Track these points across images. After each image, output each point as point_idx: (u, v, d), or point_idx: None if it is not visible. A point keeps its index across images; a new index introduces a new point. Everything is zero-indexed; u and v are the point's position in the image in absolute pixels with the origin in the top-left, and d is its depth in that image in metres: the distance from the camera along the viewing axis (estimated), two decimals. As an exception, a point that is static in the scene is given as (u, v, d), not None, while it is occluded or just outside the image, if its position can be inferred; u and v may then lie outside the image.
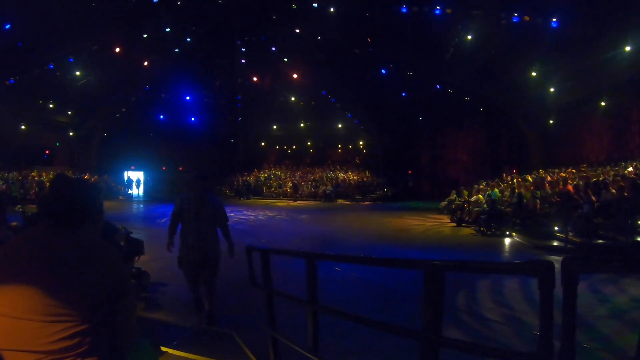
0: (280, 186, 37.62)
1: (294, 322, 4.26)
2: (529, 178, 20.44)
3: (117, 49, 29.45)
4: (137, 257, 6.88)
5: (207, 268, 5.81)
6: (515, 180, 21.47)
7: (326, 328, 3.42)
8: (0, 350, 1.71)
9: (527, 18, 22.82)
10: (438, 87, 33.29)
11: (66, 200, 1.94)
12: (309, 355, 3.32)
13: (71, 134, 37.18)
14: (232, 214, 22.52)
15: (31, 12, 23.33)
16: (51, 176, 26.72)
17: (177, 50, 33.57)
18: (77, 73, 31.02)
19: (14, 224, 4.78)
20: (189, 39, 32.87)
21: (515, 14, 22.89)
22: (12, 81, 28.48)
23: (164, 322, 6.05)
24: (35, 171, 30.78)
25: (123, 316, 1.89)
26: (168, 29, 31.18)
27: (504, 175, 25.79)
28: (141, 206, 29.21)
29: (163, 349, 4.15)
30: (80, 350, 1.75)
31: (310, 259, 3.31)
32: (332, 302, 3.47)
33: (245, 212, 23.79)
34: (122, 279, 1.91)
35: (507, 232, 14.99)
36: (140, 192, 40.56)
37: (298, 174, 41.16)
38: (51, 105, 33.83)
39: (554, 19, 21.89)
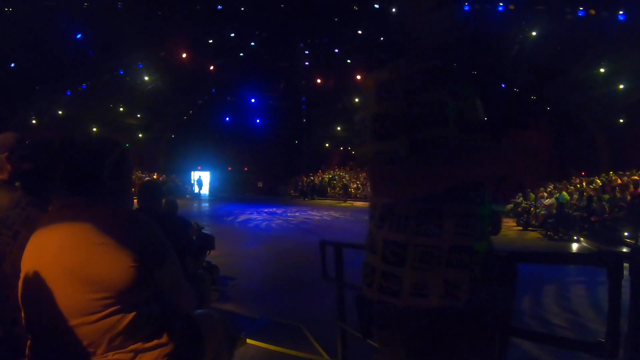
0: (344, 187, 37.73)
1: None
2: (598, 181, 19.72)
3: (184, 55, 30.47)
4: (208, 252, 7.20)
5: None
6: (584, 183, 20.74)
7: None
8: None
9: (592, 12, 21.94)
10: (503, 86, 32.42)
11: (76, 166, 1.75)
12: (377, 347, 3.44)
13: (140, 135, 38.69)
14: (297, 214, 23.26)
15: (100, 21, 24.62)
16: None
17: (241, 54, 34.33)
18: (146, 78, 32.27)
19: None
20: (252, 43, 33.53)
21: (581, 8, 22.04)
22: (85, 87, 30.07)
23: (234, 313, 6.31)
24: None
25: (170, 283, 1.77)
26: (232, 34, 31.95)
27: (573, 177, 24.89)
28: (207, 204, 30.16)
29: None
30: (139, 336, 1.66)
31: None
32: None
33: (310, 212, 24.28)
34: (157, 243, 1.71)
35: (575, 237, 14.53)
36: (205, 191, 41.74)
37: (362, 175, 41.09)
38: (121, 109, 35.25)
39: (621, 12, 20.93)
